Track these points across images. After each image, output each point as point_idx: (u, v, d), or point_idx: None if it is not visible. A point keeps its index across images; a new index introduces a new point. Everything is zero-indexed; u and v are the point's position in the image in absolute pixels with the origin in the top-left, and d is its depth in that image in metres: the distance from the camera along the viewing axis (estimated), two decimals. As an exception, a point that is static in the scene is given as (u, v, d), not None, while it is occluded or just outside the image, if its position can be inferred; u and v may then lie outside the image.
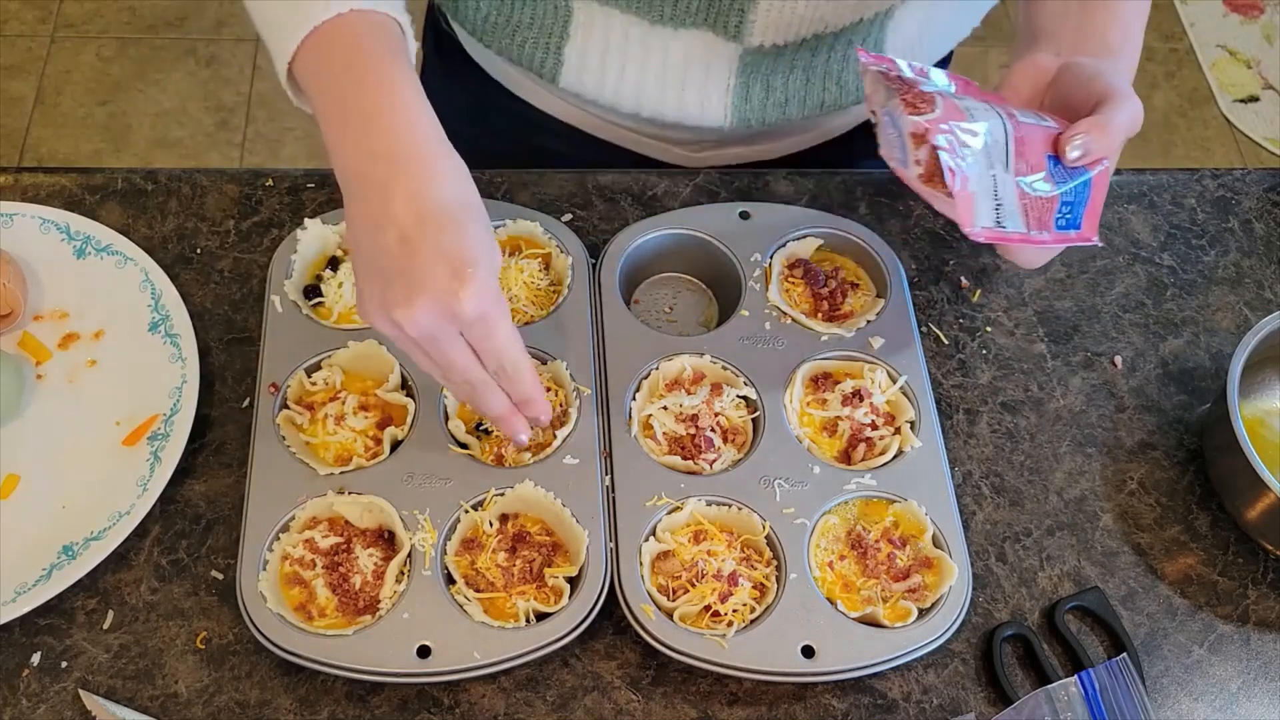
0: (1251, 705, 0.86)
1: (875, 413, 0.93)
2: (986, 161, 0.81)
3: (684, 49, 0.98)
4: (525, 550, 0.85)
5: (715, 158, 1.14)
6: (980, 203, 0.81)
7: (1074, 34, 0.91)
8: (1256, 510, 0.91)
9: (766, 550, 0.86)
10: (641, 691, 0.83)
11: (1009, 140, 0.83)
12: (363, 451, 0.89)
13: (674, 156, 1.14)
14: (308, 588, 0.83)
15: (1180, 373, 1.02)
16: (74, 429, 0.91)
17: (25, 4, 2.66)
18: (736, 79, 1.00)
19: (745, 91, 1.01)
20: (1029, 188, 0.83)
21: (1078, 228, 0.86)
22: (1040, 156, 0.84)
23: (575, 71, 1.02)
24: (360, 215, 0.76)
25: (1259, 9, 2.92)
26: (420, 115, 0.78)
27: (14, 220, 0.99)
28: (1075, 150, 0.84)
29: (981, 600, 0.89)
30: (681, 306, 1.02)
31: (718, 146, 1.13)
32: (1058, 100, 0.88)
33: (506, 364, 0.79)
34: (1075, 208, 0.86)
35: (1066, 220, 0.86)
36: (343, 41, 0.78)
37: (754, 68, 0.99)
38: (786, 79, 1.01)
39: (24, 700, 0.80)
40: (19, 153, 2.43)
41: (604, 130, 1.13)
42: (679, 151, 1.13)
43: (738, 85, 1.00)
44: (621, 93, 1.02)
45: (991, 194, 0.82)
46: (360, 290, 0.77)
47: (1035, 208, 0.84)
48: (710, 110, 1.02)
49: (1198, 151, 2.67)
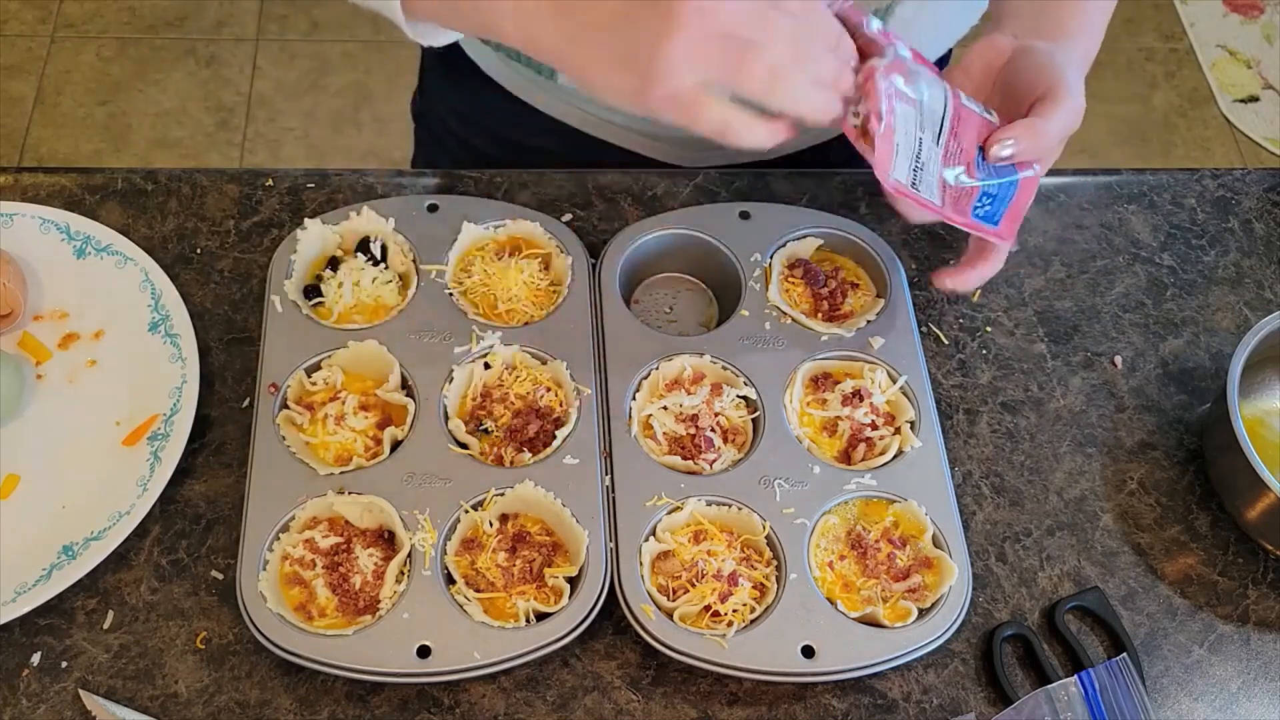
0: (1251, 705, 0.87)
1: (875, 413, 0.93)
2: (918, 123, 0.82)
3: None
4: (525, 550, 0.85)
5: (714, 157, 1.14)
6: (901, 156, 0.81)
7: (1033, 18, 0.91)
8: (1256, 510, 0.91)
9: (766, 550, 0.86)
10: (641, 691, 0.83)
11: (946, 116, 0.83)
12: (363, 451, 0.89)
13: (673, 156, 1.14)
14: (308, 588, 0.83)
15: (1180, 373, 1.02)
16: (74, 429, 0.91)
17: (25, 4, 2.66)
18: None
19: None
20: (953, 178, 0.84)
21: (995, 224, 0.87)
22: (972, 143, 0.85)
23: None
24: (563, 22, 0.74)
25: (1259, 9, 2.92)
26: None
27: (14, 220, 0.99)
28: (1005, 149, 0.84)
29: (981, 600, 0.89)
30: (681, 306, 1.02)
31: (716, 146, 1.12)
32: (1006, 84, 0.89)
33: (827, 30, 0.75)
34: (997, 203, 0.87)
35: (985, 213, 0.87)
36: None
37: None
38: None
39: (24, 700, 0.80)
40: (19, 153, 2.43)
41: (603, 130, 1.12)
42: (678, 151, 1.13)
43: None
44: None
45: (914, 154, 0.82)
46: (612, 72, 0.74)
47: (954, 192, 0.85)
48: None
49: (1198, 151, 2.67)
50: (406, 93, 1.34)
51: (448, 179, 1.06)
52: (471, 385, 0.92)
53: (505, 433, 0.90)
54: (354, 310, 0.95)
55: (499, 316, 0.96)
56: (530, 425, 0.89)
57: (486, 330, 0.93)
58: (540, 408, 0.91)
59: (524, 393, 0.91)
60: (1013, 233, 0.89)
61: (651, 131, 1.10)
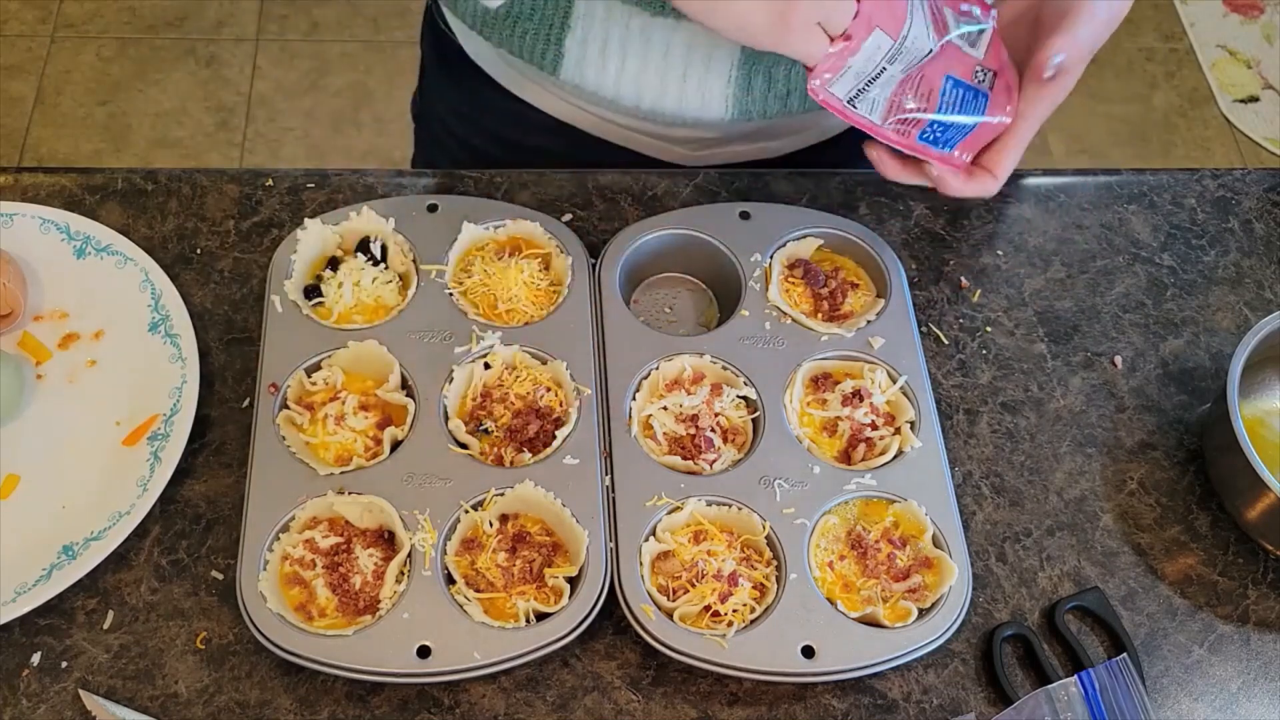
0: (1251, 705, 0.87)
1: (875, 413, 0.93)
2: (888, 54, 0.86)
3: (685, 41, 0.98)
4: (525, 550, 0.85)
5: (714, 156, 1.14)
6: (848, 75, 0.86)
7: None
8: (1256, 510, 0.91)
9: (766, 550, 0.86)
10: (641, 691, 0.83)
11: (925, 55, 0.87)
12: (363, 451, 0.89)
13: (673, 156, 1.14)
14: (308, 588, 0.83)
15: (1180, 373, 1.02)
16: (74, 429, 0.91)
17: (25, 4, 2.66)
18: (738, 70, 1.00)
19: (747, 83, 1.01)
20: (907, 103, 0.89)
21: (946, 149, 0.91)
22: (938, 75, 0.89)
23: (576, 64, 1.01)
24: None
25: (1259, 9, 2.92)
26: None
27: (14, 220, 0.99)
28: (1054, 64, 0.89)
29: (981, 600, 0.89)
30: (681, 306, 1.02)
31: (716, 145, 1.13)
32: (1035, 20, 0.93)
33: None
34: (952, 132, 0.90)
35: (933, 137, 0.90)
36: None
37: (755, 59, 0.99)
38: (789, 70, 1.01)
39: (24, 700, 0.80)
40: (19, 153, 2.43)
41: (602, 129, 1.12)
42: (678, 150, 1.13)
43: (739, 77, 1.00)
44: (622, 85, 1.02)
45: (867, 78, 0.86)
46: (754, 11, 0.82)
47: (901, 117, 0.89)
48: (711, 102, 1.02)
49: (1198, 151, 2.67)
50: (406, 93, 1.34)
51: (448, 179, 1.06)
52: (471, 385, 0.92)
53: (505, 433, 0.90)
54: (354, 310, 0.95)
55: (499, 316, 0.96)
56: (530, 425, 0.90)
57: (486, 330, 0.93)
58: (540, 408, 0.91)
59: (524, 393, 0.91)
60: (963, 163, 0.93)
61: (651, 129, 1.10)
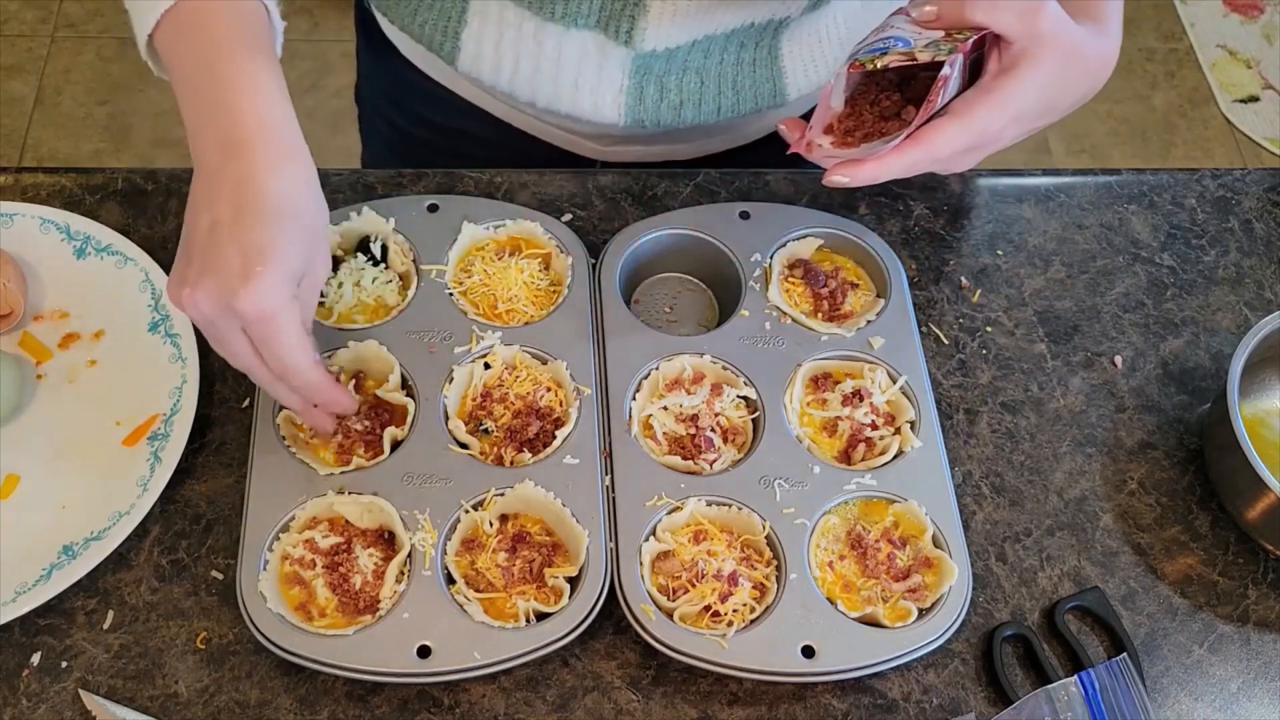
0: (1251, 705, 0.86)
1: (875, 413, 0.93)
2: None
3: (576, 48, 0.98)
4: (525, 550, 0.85)
5: (624, 154, 1.15)
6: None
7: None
8: (1256, 510, 0.91)
9: (766, 550, 0.86)
10: (641, 691, 0.83)
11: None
12: (363, 451, 0.89)
13: (584, 149, 1.14)
14: (308, 588, 0.83)
15: (1180, 373, 1.02)
16: (74, 429, 0.91)
17: (25, 4, 2.66)
18: (629, 80, 1.00)
19: (639, 93, 1.01)
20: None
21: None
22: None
23: (472, 58, 1.02)
24: (191, 197, 0.77)
25: (1259, 9, 2.92)
26: (272, 108, 0.77)
27: (14, 220, 0.99)
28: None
29: (981, 600, 0.89)
30: (681, 306, 1.02)
31: (623, 143, 1.13)
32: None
33: (289, 371, 0.78)
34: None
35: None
36: (201, 24, 0.78)
37: (647, 70, 1.00)
38: (680, 81, 1.01)
39: (24, 700, 0.80)
40: (19, 153, 2.43)
41: (514, 118, 1.13)
42: (588, 145, 1.14)
43: (631, 86, 1.00)
44: (516, 83, 1.02)
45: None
46: (173, 269, 0.77)
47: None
48: (604, 109, 1.02)
49: (1198, 151, 2.67)
50: (406, 93, 1.34)
51: (448, 179, 1.06)
52: (471, 385, 0.92)
53: (505, 433, 0.90)
54: (354, 310, 0.95)
55: (499, 316, 0.96)
56: (530, 425, 0.90)
57: (486, 330, 0.93)
58: (540, 408, 0.91)
59: (524, 393, 0.91)
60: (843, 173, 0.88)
61: (556, 122, 1.10)
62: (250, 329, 0.75)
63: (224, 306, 0.73)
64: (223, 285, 0.73)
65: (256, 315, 0.74)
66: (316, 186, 0.78)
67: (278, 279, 0.74)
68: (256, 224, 0.74)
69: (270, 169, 0.75)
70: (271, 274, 0.73)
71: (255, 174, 0.75)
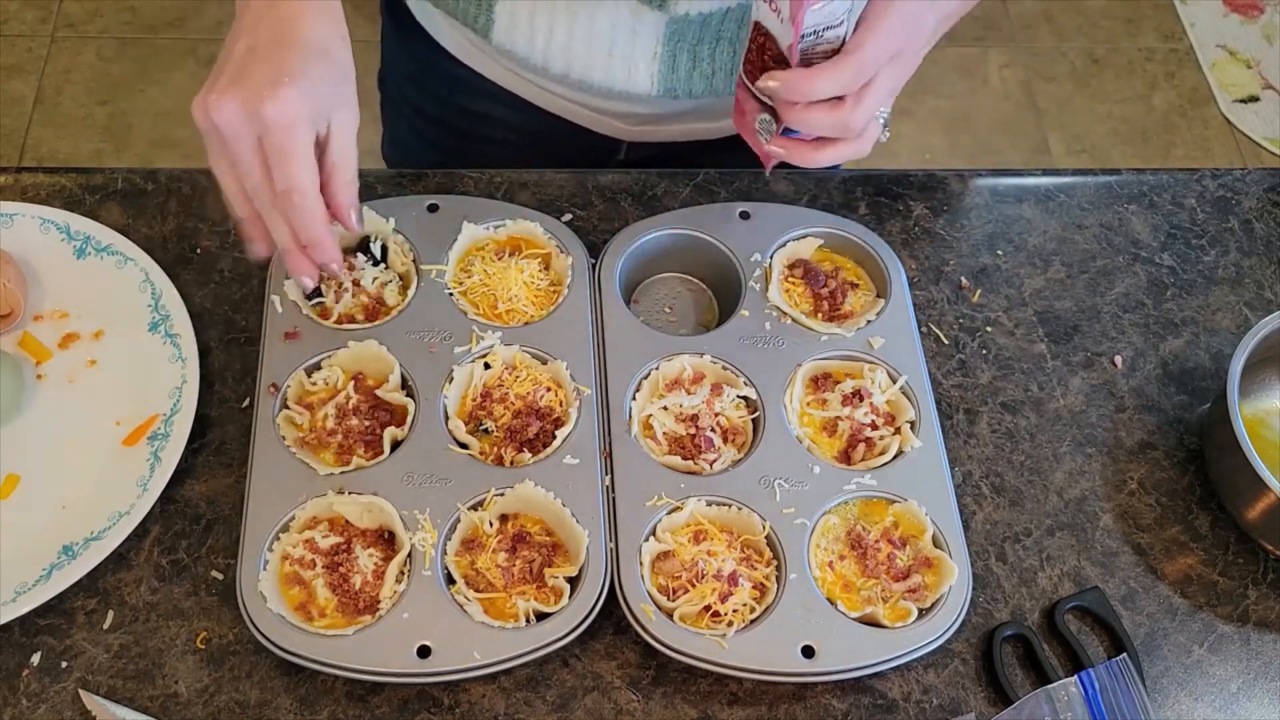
0: (1251, 705, 0.86)
1: (875, 413, 0.93)
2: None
3: (610, 15, 0.99)
4: (525, 550, 0.85)
5: (653, 133, 1.14)
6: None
7: None
8: (1256, 510, 0.91)
9: (766, 550, 0.86)
10: (641, 691, 0.83)
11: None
12: (363, 451, 0.89)
13: (611, 129, 1.14)
14: (308, 588, 0.83)
15: (1180, 373, 1.02)
16: (74, 429, 0.91)
17: (25, 4, 2.66)
18: (663, 47, 1.00)
19: (672, 61, 1.01)
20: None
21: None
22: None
23: (506, 30, 1.02)
24: (233, 31, 0.81)
25: (1259, 9, 2.92)
26: None
27: (14, 220, 0.99)
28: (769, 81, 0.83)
29: (981, 600, 0.89)
30: (681, 306, 1.02)
31: (652, 122, 1.13)
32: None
33: (294, 191, 0.79)
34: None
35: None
36: None
37: (680, 37, 1.00)
38: (713, 50, 1.02)
39: (24, 700, 0.80)
40: (19, 153, 2.43)
41: (540, 98, 1.13)
42: (616, 124, 1.14)
43: (664, 54, 1.01)
44: (550, 54, 1.02)
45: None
46: (203, 88, 0.79)
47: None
48: (637, 78, 1.02)
49: (1198, 151, 2.67)
50: (406, 93, 1.34)
51: (448, 179, 1.06)
52: (471, 385, 0.92)
53: (505, 433, 0.90)
54: (354, 310, 0.95)
55: (499, 316, 0.96)
56: (530, 425, 0.90)
57: (486, 330, 0.93)
58: (540, 408, 0.91)
59: (524, 393, 0.91)
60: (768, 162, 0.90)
61: (587, 102, 1.10)
62: (268, 137, 0.77)
63: (249, 113, 0.76)
64: (251, 93, 0.76)
65: (278, 121, 0.76)
66: (349, 43, 0.83)
67: (303, 93, 0.77)
68: (291, 51, 0.78)
69: (314, 14, 0.81)
70: (298, 88, 0.77)
71: (299, 16, 0.80)
